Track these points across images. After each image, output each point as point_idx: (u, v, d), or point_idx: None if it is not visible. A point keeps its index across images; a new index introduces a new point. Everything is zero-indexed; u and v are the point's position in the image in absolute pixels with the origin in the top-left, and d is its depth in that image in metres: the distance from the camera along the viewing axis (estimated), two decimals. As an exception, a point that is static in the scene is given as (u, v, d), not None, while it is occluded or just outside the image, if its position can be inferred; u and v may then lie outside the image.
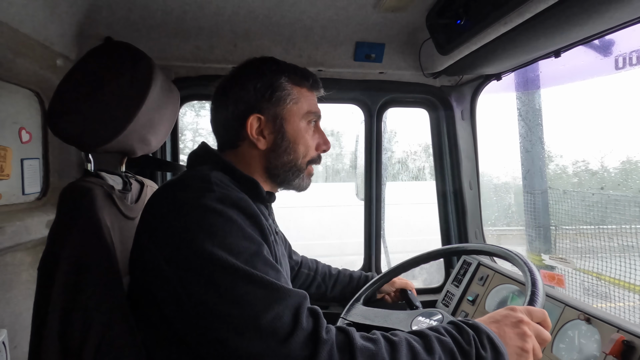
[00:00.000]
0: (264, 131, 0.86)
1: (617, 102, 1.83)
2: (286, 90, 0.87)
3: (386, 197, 1.81)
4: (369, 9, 1.24)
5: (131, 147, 0.89)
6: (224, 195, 0.70)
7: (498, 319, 0.72)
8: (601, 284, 1.66)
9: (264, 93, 0.85)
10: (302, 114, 0.89)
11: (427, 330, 0.68)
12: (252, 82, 0.85)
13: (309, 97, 0.91)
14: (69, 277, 0.67)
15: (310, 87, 0.92)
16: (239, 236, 0.66)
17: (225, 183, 0.75)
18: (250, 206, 0.72)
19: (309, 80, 0.91)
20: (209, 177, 0.73)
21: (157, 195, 0.76)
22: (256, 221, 0.71)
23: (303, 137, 0.89)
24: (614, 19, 0.95)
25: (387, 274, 1.31)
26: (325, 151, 0.95)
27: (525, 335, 0.68)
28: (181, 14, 1.24)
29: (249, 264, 0.63)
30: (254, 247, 0.67)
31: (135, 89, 0.79)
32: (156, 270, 0.66)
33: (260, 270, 0.63)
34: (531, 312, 0.73)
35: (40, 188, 1.21)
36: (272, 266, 0.67)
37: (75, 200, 0.70)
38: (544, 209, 1.91)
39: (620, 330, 0.87)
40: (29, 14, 0.99)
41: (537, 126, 1.85)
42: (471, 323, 0.70)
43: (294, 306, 0.62)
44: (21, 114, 1.14)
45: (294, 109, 0.88)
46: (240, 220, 0.68)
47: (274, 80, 0.86)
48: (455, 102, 1.63)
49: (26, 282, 1.09)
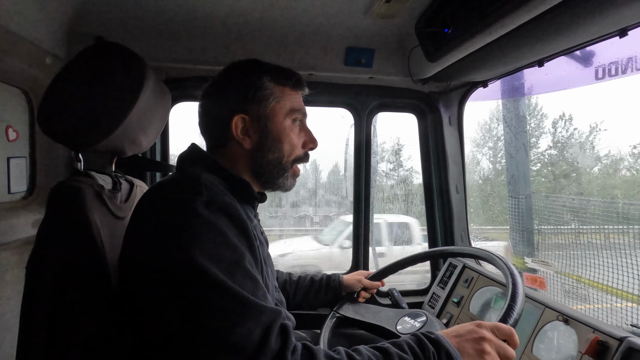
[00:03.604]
0: (249, 131, 0.87)
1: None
2: (269, 89, 0.88)
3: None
4: (359, 16, 1.27)
5: (122, 147, 0.89)
6: (212, 199, 0.70)
7: (461, 333, 0.74)
8: (581, 286, 1.72)
9: (247, 93, 0.86)
10: (286, 112, 0.89)
11: (391, 348, 0.70)
12: (235, 83, 0.87)
13: (292, 95, 0.92)
14: (57, 276, 0.66)
15: (293, 86, 0.92)
16: (222, 244, 0.66)
17: (215, 185, 0.76)
18: (238, 212, 0.72)
19: (292, 79, 0.91)
20: (199, 179, 0.74)
21: (146, 196, 0.76)
22: (242, 228, 0.72)
23: (288, 135, 0.90)
24: (592, 32, 1.00)
25: (376, 275, 1.33)
26: (312, 149, 0.96)
27: (484, 353, 0.70)
28: (174, 15, 1.24)
29: (228, 275, 0.63)
30: (236, 257, 0.67)
31: (128, 89, 0.80)
32: (140, 270, 0.67)
33: (238, 282, 0.64)
34: (498, 329, 0.75)
35: (27, 187, 1.19)
36: (250, 277, 0.67)
37: (64, 199, 0.70)
38: (527, 213, 1.97)
39: (595, 330, 0.91)
40: (18, 11, 0.98)
41: (521, 132, 1.90)
42: (433, 338, 0.72)
43: (265, 324, 0.62)
44: (8, 112, 1.12)
45: (277, 108, 0.88)
46: (225, 227, 0.68)
47: (256, 81, 0.87)
48: (443, 107, 1.67)
49: (11, 282, 1.08)
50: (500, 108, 1.96)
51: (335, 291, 1.28)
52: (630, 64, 1.30)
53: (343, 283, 1.29)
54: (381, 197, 3.37)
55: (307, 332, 1.25)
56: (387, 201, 3.37)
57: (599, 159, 2.99)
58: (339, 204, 4.17)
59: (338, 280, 1.29)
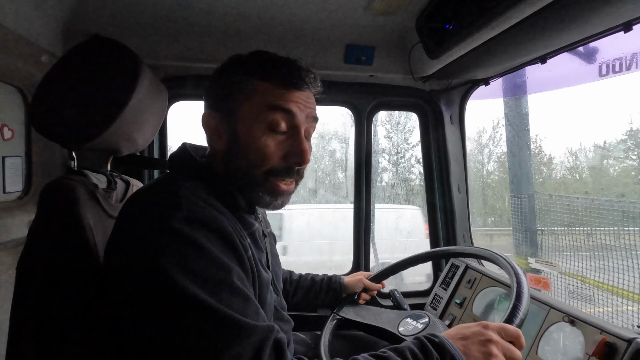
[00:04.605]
0: (220, 130, 0.78)
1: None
2: (241, 83, 0.75)
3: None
4: (359, 12, 1.25)
5: (117, 145, 0.88)
6: (193, 214, 0.64)
7: (467, 335, 0.71)
8: (585, 286, 1.69)
9: (222, 87, 0.77)
10: (260, 113, 0.74)
11: (392, 356, 0.66)
12: (216, 78, 0.81)
13: (275, 93, 0.75)
14: (48, 276, 0.65)
15: (283, 82, 0.75)
16: (205, 262, 0.61)
17: (198, 195, 0.69)
18: (222, 225, 0.67)
19: (279, 73, 0.75)
20: (179, 191, 0.68)
21: (129, 204, 0.72)
22: (228, 241, 0.66)
23: (258, 141, 0.74)
24: (596, 26, 0.98)
25: (377, 276, 1.31)
26: (298, 164, 0.77)
27: (490, 356, 0.67)
28: (171, 12, 1.23)
29: (213, 295, 0.59)
30: (222, 275, 0.62)
31: (121, 86, 0.78)
32: (120, 287, 0.63)
33: (225, 301, 0.59)
34: (505, 330, 0.72)
35: (22, 187, 1.18)
36: (239, 294, 0.62)
37: (56, 197, 0.69)
38: (530, 213, 1.94)
39: (603, 332, 0.88)
40: (13, 8, 0.97)
41: (524, 131, 1.88)
42: (437, 342, 0.68)
43: (255, 345, 0.59)
44: (3, 111, 1.11)
45: (248, 107, 0.74)
46: (208, 243, 0.63)
47: (233, 74, 0.77)
48: (445, 106, 1.65)
49: (5, 283, 1.06)
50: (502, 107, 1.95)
51: (335, 292, 1.26)
52: (635, 60, 1.28)
53: (344, 284, 1.27)
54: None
55: (307, 333, 1.23)
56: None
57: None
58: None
59: (339, 281, 1.27)
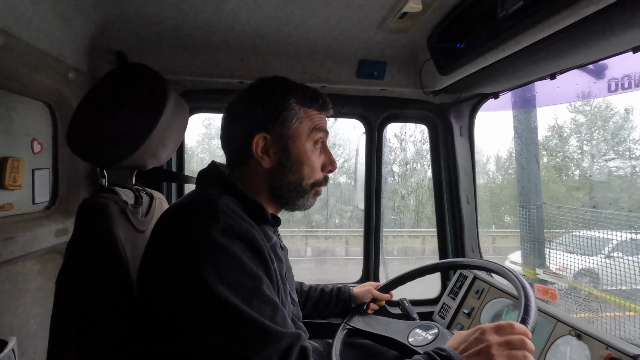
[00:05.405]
0: (269, 150, 0.86)
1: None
2: (293, 110, 0.87)
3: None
4: (373, 30, 1.29)
5: (143, 162, 0.93)
6: (229, 226, 0.71)
7: (467, 346, 0.73)
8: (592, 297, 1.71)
9: (272, 113, 0.86)
10: (308, 134, 0.89)
11: None
12: (261, 102, 0.87)
13: (316, 117, 0.91)
14: (86, 291, 0.70)
15: (319, 108, 0.92)
16: (239, 271, 0.68)
17: (232, 210, 0.76)
18: (254, 237, 0.73)
19: (318, 101, 0.91)
20: (217, 205, 0.74)
21: (166, 218, 0.78)
22: (259, 253, 0.73)
23: (309, 158, 0.89)
24: (606, 50, 1.00)
25: (385, 286, 1.34)
26: (331, 171, 0.95)
27: (493, 357, 0.69)
28: (191, 30, 1.28)
29: (245, 302, 0.65)
30: (253, 283, 0.68)
31: (151, 109, 0.83)
32: (158, 296, 0.69)
33: (256, 308, 0.65)
34: (500, 328, 0.74)
35: (49, 197, 1.23)
36: (268, 302, 0.68)
37: (92, 216, 0.74)
38: (538, 224, 1.96)
39: (609, 347, 0.91)
40: (45, 30, 1.02)
41: (533, 144, 1.90)
42: (445, 355, 0.71)
43: (282, 350, 0.64)
44: (33, 126, 1.17)
45: (300, 130, 0.88)
46: (242, 254, 0.70)
47: (282, 101, 0.87)
48: (454, 118, 1.68)
49: (34, 290, 1.12)
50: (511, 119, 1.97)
51: (345, 303, 1.29)
52: (644, 78, 1.30)
53: (353, 295, 1.30)
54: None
55: (319, 341, 1.27)
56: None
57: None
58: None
59: (348, 292, 1.30)
